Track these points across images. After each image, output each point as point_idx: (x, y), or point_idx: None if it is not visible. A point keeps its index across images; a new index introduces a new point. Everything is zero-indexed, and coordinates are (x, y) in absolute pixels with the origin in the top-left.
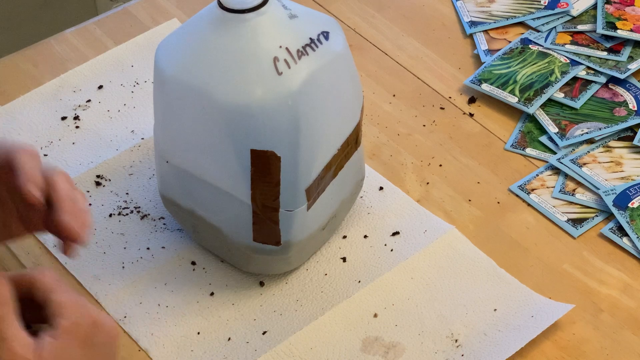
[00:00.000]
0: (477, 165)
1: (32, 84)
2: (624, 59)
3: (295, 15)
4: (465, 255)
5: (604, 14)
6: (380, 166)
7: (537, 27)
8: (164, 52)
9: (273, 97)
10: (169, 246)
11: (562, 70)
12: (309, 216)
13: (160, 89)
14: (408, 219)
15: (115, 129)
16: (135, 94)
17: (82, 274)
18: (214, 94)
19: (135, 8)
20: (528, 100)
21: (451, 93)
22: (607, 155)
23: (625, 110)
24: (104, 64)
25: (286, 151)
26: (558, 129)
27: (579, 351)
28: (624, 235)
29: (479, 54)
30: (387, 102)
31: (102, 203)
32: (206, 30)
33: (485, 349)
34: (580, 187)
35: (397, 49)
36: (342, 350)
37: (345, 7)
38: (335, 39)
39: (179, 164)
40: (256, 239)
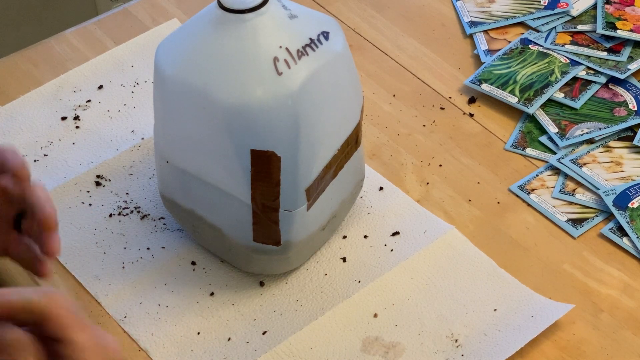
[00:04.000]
0: (477, 165)
1: (32, 84)
2: (624, 59)
3: (295, 16)
4: (465, 255)
5: (604, 14)
6: (380, 166)
7: (537, 27)
8: (164, 52)
9: (273, 97)
10: (169, 246)
11: (562, 71)
12: (309, 216)
13: (160, 89)
14: (408, 219)
15: (115, 129)
16: (135, 94)
17: (82, 274)
18: (214, 94)
19: (135, 8)
20: (528, 100)
21: (451, 93)
22: (607, 156)
23: (625, 110)
24: (104, 64)
25: (286, 151)
26: (558, 129)
27: (579, 351)
28: (624, 235)
29: (479, 54)
30: (387, 102)
31: (102, 203)
32: (206, 30)
33: (485, 349)
34: (580, 187)
35: (397, 49)
36: (342, 350)
37: (345, 7)
38: (335, 39)
39: (179, 164)
40: (256, 239)
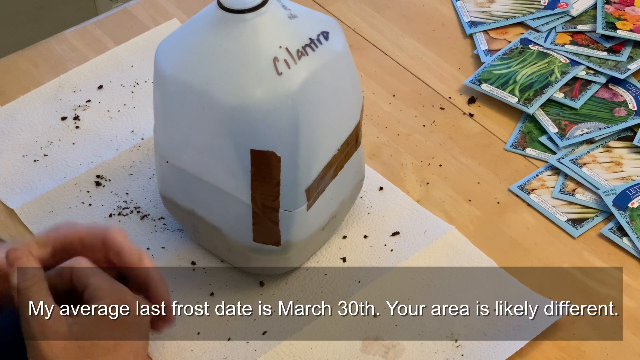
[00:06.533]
0: (477, 165)
1: (32, 84)
2: (624, 59)
3: (295, 16)
4: (465, 255)
5: (604, 14)
6: (380, 166)
7: (537, 27)
8: (164, 52)
9: (273, 97)
10: (169, 246)
11: (562, 71)
12: (309, 216)
13: (160, 89)
14: (408, 219)
15: (115, 129)
16: (135, 94)
17: None
18: (214, 94)
19: (135, 8)
20: (528, 100)
21: (451, 93)
22: (607, 156)
23: (625, 111)
24: (104, 64)
25: (286, 151)
26: (558, 129)
27: (579, 351)
28: (624, 235)
29: (479, 54)
30: (387, 102)
31: (102, 203)
32: (206, 30)
33: (485, 349)
34: (580, 187)
35: (397, 49)
36: (342, 350)
37: (345, 7)
38: (335, 39)
39: (179, 164)
40: (256, 239)
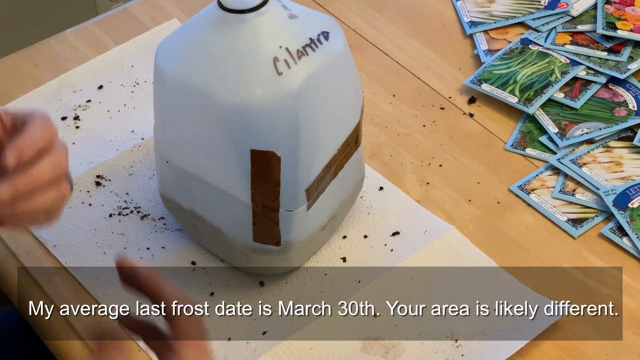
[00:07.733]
0: (477, 165)
1: (32, 84)
2: (624, 59)
3: (295, 16)
4: (465, 255)
5: (604, 14)
6: (380, 166)
7: (537, 27)
8: (164, 52)
9: (273, 98)
10: (169, 246)
11: (562, 71)
12: (309, 216)
13: (160, 89)
14: (408, 219)
15: (115, 129)
16: (135, 94)
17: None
18: (214, 94)
19: (135, 8)
20: (528, 100)
21: (451, 93)
22: (607, 156)
23: (625, 111)
24: (104, 64)
25: (286, 151)
26: (558, 129)
27: (579, 351)
28: (624, 235)
29: (479, 54)
30: (387, 102)
31: (102, 203)
32: (206, 30)
33: (485, 349)
34: (580, 187)
35: (397, 49)
36: (342, 350)
37: (345, 7)
38: (335, 39)
39: (179, 164)
40: (256, 239)
